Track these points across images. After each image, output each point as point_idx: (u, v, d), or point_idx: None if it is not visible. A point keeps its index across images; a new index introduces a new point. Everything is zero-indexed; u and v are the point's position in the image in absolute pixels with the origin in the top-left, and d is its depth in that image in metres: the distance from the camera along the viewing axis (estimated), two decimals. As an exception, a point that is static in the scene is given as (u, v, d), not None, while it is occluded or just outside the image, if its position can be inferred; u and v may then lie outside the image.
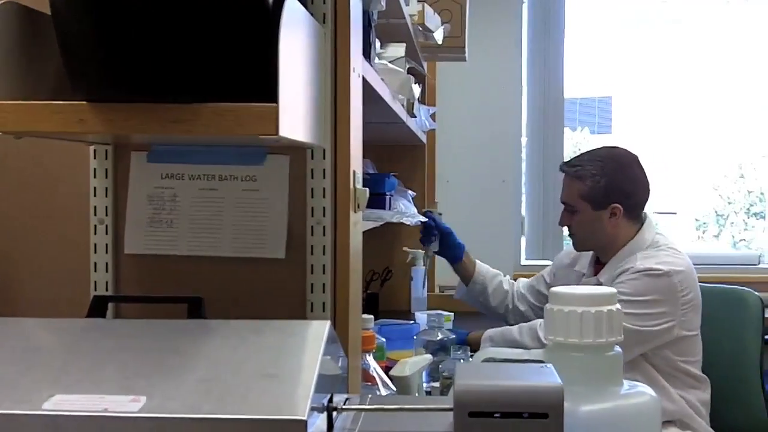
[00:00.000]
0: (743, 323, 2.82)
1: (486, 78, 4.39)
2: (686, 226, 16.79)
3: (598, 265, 2.64)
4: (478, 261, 2.97)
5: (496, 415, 0.82)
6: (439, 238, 2.90)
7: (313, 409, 0.80)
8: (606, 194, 2.49)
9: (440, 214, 3.05)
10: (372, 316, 1.78)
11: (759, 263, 4.66)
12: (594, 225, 2.51)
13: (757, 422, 2.78)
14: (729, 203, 15.34)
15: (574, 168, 2.56)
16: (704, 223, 15.68)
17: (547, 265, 2.96)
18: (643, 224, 2.56)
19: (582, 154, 2.65)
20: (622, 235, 2.52)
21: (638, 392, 0.99)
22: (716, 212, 15.57)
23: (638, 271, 2.41)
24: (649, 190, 2.57)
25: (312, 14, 1.23)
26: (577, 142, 18.16)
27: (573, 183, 2.55)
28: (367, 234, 1.58)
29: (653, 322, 2.40)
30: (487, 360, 1.11)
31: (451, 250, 2.92)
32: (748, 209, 14.92)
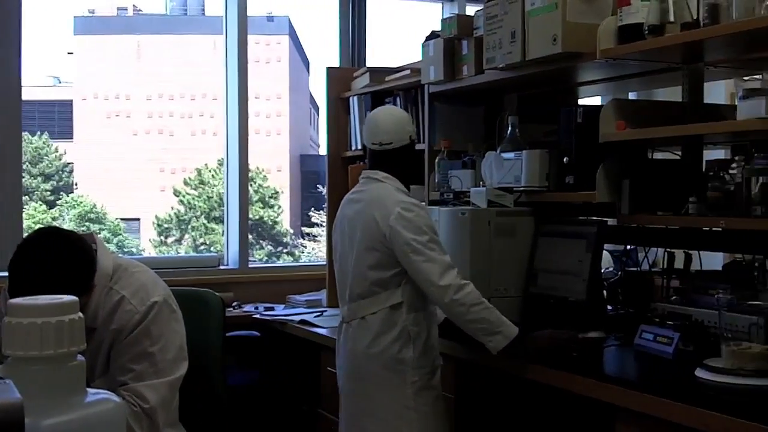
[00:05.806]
0: (206, 323, 2.97)
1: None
2: (150, 231, 17.15)
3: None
4: None
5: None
6: None
7: None
8: (87, 288, 2.18)
9: None
10: None
11: (219, 265, 4.91)
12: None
13: (218, 410, 2.96)
14: (190, 208, 16.06)
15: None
16: (167, 228, 16.20)
17: None
18: (96, 251, 2.23)
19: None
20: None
21: (102, 399, 0.98)
22: (178, 217, 16.20)
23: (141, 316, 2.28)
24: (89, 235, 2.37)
25: None
26: (37, 147, 17.49)
27: None
28: None
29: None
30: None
31: None
32: (208, 214, 15.77)
